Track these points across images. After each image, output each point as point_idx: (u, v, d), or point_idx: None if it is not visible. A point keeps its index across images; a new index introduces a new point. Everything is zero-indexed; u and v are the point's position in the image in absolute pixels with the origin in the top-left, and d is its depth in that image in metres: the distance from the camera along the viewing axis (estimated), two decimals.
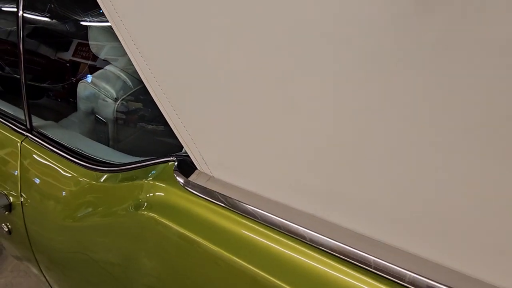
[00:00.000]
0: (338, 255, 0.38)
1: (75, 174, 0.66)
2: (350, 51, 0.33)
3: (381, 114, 0.33)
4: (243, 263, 0.43)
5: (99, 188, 0.62)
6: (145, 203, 0.53)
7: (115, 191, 0.59)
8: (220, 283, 0.45)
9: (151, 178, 0.55)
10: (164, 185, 0.53)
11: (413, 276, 0.34)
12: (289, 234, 0.41)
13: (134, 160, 0.61)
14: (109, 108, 1.02)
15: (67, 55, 1.50)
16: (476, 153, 0.29)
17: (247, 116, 0.42)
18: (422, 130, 0.32)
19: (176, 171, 0.52)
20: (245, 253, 0.44)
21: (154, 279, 0.55)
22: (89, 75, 1.11)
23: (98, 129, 1.09)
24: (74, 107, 1.16)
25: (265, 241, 0.43)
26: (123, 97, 1.02)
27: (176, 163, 0.54)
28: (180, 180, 0.51)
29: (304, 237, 0.40)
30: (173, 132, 0.51)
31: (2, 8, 1.63)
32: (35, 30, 1.51)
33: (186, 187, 0.51)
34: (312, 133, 0.38)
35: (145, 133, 1.03)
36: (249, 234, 0.44)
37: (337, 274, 0.38)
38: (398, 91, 0.32)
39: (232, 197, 0.46)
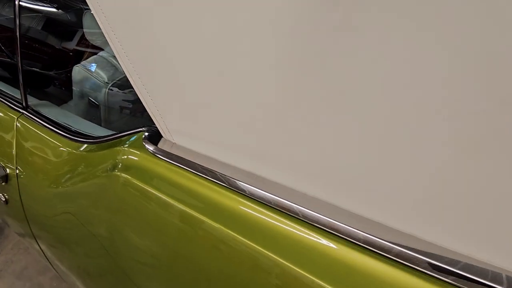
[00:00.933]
0: (272, 206, 0.45)
1: (60, 145, 0.74)
2: (272, 33, 0.39)
3: (302, 87, 0.40)
4: (196, 214, 0.50)
5: (78, 156, 0.70)
6: (120, 164, 0.61)
7: (95, 158, 0.67)
8: (174, 230, 0.53)
9: (126, 146, 0.63)
10: (136, 151, 0.61)
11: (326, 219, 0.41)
12: (233, 188, 0.48)
13: (112, 133, 0.68)
14: (100, 91, 1.09)
15: (66, 42, 1.58)
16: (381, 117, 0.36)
17: (198, 88, 0.49)
18: (336, 98, 0.38)
19: (145, 140, 0.60)
20: (200, 205, 0.51)
21: (133, 238, 0.63)
22: (83, 61, 1.18)
23: (91, 110, 1.17)
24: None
25: (216, 196, 0.50)
26: (113, 81, 1.09)
27: (146, 133, 0.61)
28: (149, 147, 0.59)
29: (244, 191, 0.47)
30: None
31: None
32: (34, 18, 1.59)
33: (153, 153, 0.58)
34: (248, 102, 0.45)
35: (134, 114, 1.10)
36: (204, 190, 0.52)
37: (269, 220, 0.45)
38: (315, 65, 0.38)
39: (191, 160, 0.54)
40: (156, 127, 0.60)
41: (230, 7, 0.42)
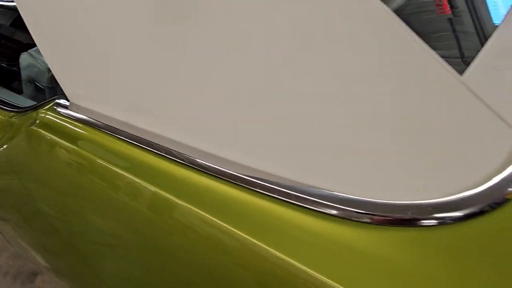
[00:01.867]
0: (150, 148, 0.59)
1: None
2: None
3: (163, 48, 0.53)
4: (98, 160, 0.63)
5: (7, 122, 0.82)
6: (37, 121, 0.73)
7: (20, 120, 0.79)
8: (74, 173, 0.65)
9: (44, 108, 0.75)
10: (50, 113, 0.73)
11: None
12: (118, 136, 0.62)
13: (36, 102, 0.80)
14: (44, 76, 1.20)
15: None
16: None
17: (96, 55, 0.62)
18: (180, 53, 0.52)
19: (56, 104, 0.72)
20: (100, 153, 0.64)
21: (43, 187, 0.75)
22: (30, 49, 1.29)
23: (38, 95, 1.27)
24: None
25: (106, 142, 0.63)
26: None
27: (58, 99, 0.73)
28: (59, 109, 0.71)
29: (127, 137, 0.61)
30: None
31: None
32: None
33: (63, 114, 0.71)
34: (122, 66, 0.58)
35: None
36: (101, 141, 0.65)
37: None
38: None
39: (90, 118, 0.66)
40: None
41: None
